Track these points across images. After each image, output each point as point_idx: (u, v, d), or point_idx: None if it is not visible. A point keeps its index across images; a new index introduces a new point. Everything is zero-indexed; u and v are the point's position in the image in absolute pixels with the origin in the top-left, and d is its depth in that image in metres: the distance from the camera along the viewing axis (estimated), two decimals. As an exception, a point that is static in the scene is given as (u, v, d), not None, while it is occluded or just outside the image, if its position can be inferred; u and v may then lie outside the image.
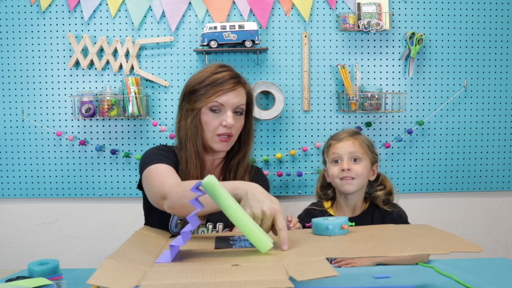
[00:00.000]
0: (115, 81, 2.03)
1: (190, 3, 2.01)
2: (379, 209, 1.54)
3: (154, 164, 1.29)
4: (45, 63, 2.04)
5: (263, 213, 0.97)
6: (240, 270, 0.82)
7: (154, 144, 2.04)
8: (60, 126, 2.05)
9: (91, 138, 2.05)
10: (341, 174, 1.50)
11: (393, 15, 2.04)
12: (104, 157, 2.06)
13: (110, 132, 2.05)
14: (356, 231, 1.09)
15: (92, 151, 2.05)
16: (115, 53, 2.01)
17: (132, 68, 2.02)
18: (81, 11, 2.01)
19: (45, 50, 2.03)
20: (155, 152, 1.37)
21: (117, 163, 2.06)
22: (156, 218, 1.36)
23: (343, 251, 0.92)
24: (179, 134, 1.40)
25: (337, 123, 2.07)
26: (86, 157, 2.06)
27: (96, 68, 2.02)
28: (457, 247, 0.88)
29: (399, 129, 2.08)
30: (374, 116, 2.07)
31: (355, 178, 1.49)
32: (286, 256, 0.90)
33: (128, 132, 2.05)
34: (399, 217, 1.52)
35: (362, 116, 2.07)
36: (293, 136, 2.07)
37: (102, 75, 2.03)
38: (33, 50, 2.03)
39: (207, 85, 1.34)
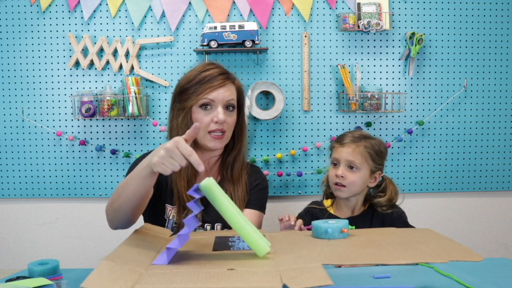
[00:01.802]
0: (115, 81, 2.03)
1: (190, 3, 2.01)
2: (377, 213, 1.54)
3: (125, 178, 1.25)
4: (45, 63, 2.04)
5: (166, 150, 0.99)
6: (234, 275, 0.82)
7: (154, 144, 2.04)
8: (60, 126, 2.05)
9: (91, 138, 2.05)
10: (335, 179, 1.49)
11: (393, 15, 2.04)
12: (104, 157, 2.06)
13: (110, 132, 2.05)
14: (356, 235, 1.09)
15: (92, 151, 2.05)
16: (115, 53, 2.01)
17: (132, 68, 2.02)
18: (81, 11, 2.01)
19: (45, 50, 2.03)
20: (136, 163, 1.34)
21: (117, 163, 2.06)
22: (151, 222, 1.36)
23: (341, 257, 0.92)
24: (171, 134, 1.39)
25: (337, 123, 2.07)
26: (86, 157, 2.06)
27: (96, 68, 2.02)
28: (457, 255, 0.88)
29: (399, 129, 2.08)
30: (374, 116, 2.07)
31: (347, 186, 1.47)
32: (283, 261, 0.89)
33: (128, 132, 2.05)
34: (399, 218, 1.52)
35: (362, 116, 2.07)
36: (293, 136, 2.07)
37: (102, 75, 2.03)
38: (33, 50, 2.03)
39: (197, 83, 1.34)
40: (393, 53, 2.06)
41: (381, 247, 0.96)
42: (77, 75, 2.04)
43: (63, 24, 2.02)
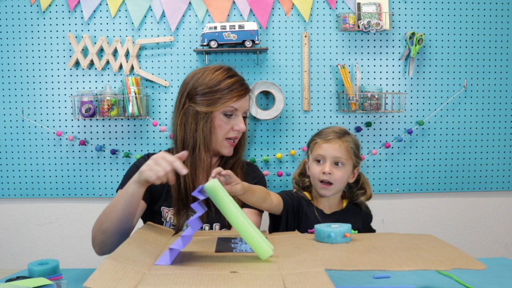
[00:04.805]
0: (115, 81, 2.03)
1: (190, 3, 2.01)
2: (359, 210, 1.54)
3: (120, 189, 1.28)
4: (45, 63, 2.04)
5: (153, 159, 1.10)
6: (237, 277, 0.82)
7: (154, 144, 2.04)
8: (60, 126, 2.05)
9: (91, 138, 2.05)
10: (321, 177, 1.46)
11: (393, 15, 2.04)
12: (104, 157, 2.06)
13: (110, 132, 2.05)
14: (358, 240, 1.09)
15: (92, 151, 2.05)
16: (115, 53, 2.01)
17: (132, 68, 2.02)
18: (81, 11, 2.01)
19: (45, 50, 2.03)
20: (132, 170, 1.33)
21: (117, 163, 2.06)
22: None
23: (343, 263, 0.91)
24: (185, 138, 1.36)
25: (337, 123, 2.07)
26: (86, 157, 2.06)
27: (96, 68, 2.02)
28: (460, 263, 0.88)
29: (399, 129, 2.08)
30: (374, 116, 2.07)
31: (334, 183, 1.45)
32: (285, 265, 0.89)
33: (128, 132, 2.05)
34: (370, 217, 1.57)
35: (362, 116, 2.07)
36: (293, 136, 2.07)
37: (102, 75, 2.03)
38: (33, 50, 2.03)
39: (224, 89, 1.33)
40: (393, 53, 2.06)
41: (384, 253, 0.96)
42: (77, 75, 2.04)
43: (63, 24, 2.02)
